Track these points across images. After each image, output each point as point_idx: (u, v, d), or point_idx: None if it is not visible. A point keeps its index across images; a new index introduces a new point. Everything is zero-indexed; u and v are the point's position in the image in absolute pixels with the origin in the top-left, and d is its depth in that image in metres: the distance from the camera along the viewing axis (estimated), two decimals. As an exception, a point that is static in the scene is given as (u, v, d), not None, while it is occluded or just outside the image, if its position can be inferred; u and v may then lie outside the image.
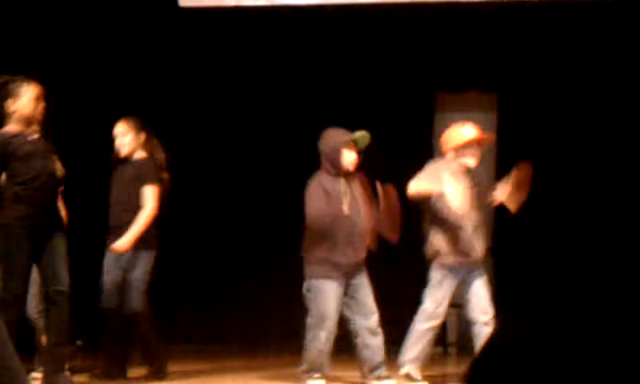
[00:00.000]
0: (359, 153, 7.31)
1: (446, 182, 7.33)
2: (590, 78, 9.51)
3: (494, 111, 9.94)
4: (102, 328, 7.44)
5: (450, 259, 7.32)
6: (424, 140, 9.98)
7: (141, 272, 7.35)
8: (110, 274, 7.36)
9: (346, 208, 7.19)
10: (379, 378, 7.23)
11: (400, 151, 9.75)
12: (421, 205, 7.36)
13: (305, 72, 10.00)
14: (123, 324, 7.36)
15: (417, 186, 7.27)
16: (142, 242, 7.29)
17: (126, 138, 7.41)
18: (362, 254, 7.21)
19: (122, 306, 7.32)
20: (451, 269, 7.33)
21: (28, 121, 6.69)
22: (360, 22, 9.84)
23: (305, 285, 7.22)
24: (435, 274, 7.38)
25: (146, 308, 7.39)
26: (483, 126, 7.84)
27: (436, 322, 7.33)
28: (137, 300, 7.33)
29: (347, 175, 7.28)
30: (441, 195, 7.29)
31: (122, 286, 7.34)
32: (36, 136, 6.70)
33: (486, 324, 7.24)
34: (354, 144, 7.28)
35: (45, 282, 6.72)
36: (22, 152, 6.57)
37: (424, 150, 9.91)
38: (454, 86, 10.13)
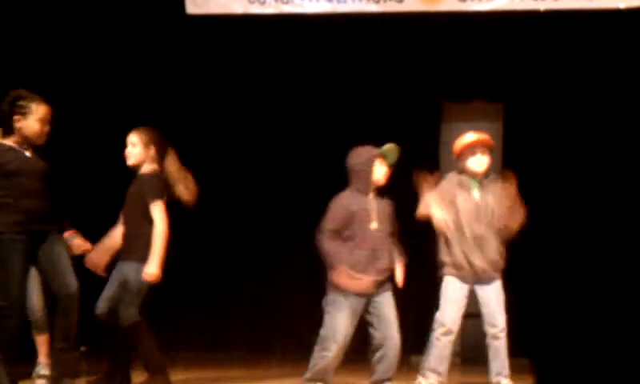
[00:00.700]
0: (389, 167, 7.30)
1: (453, 194, 7.35)
2: (596, 89, 9.50)
3: (499, 121, 9.93)
4: (104, 334, 7.42)
5: (452, 271, 7.34)
6: (430, 150, 9.98)
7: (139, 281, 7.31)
8: (111, 284, 7.33)
9: (373, 225, 7.14)
10: None
11: (406, 161, 9.74)
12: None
13: (311, 80, 10.00)
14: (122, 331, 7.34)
15: (426, 209, 7.29)
16: (134, 253, 7.20)
17: (134, 149, 7.38)
18: (386, 273, 7.16)
19: (116, 315, 7.28)
20: (458, 279, 7.33)
21: (30, 140, 6.76)
22: (367, 31, 9.84)
23: (325, 297, 7.15)
24: (443, 284, 7.39)
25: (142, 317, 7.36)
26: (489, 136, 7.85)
27: (445, 330, 7.30)
28: (134, 309, 7.28)
29: (376, 193, 7.25)
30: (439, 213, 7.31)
31: (118, 296, 7.28)
32: (29, 154, 6.74)
33: (494, 337, 7.24)
34: (384, 158, 7.26)
35: (54, 289, 6.74)
36: (11, 167, 6.62)
37: (430, 160, 9.92)
38: (460, 96, 10.12)
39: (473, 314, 7.50)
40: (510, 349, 7.29)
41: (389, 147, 7.28)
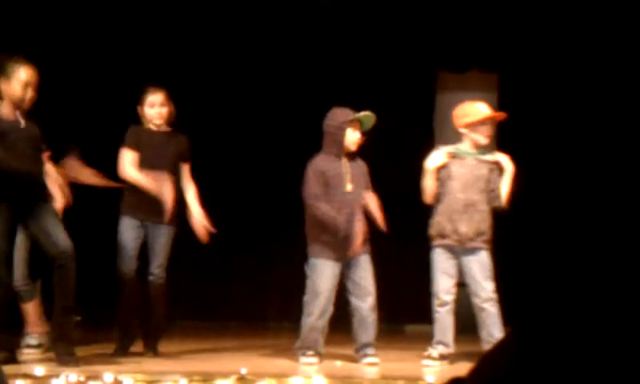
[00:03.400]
0: (363, 134, 7.34)
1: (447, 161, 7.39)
2: (592, 60, 9.47)
3: (494, 91, 9.92)
4: (115, 300, 7.51)
5: (439, 241, 7.38)
6: (425, 119, 9.98)
7: (163, 244, 7.45)
8: (131, 242, 7.42)
9: (347, 188, 7.23)
10: (365, 355, 7.30)
11: (401, 131, 9.74)
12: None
13: (305, 51, 9.95)
14: (138, 295, 7.45)
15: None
16: (164, 216, 7.36)
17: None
18: (361, 234, 7.24)
19: (138, 276, 7.44)
20: (445, 250, 7.36)
21: (16, 104, 6.75)
22: (361, 1, 9.81)
23: (306, 263, 7.29)
24: (432, 256, 7.45)
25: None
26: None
27: (440, 301, 7.33)
28: (160, 273, 7.47)
29: (349, 156, 7.30)
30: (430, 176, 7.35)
31: (144, 257, 7.48)
32: (12, 117, 6.74)
33: (479, 307, 7.29)
34: (359, 124, 7.30)
35: (48, 251, 6.77)
36: None
37: (425, 130, 9.91)
38: (455, 66, 10.10)
39: (463, 284, 7.55)
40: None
41: (365, 114, 7.31)
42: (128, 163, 7.39)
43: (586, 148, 9.40)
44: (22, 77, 6.74)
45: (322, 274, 7.22)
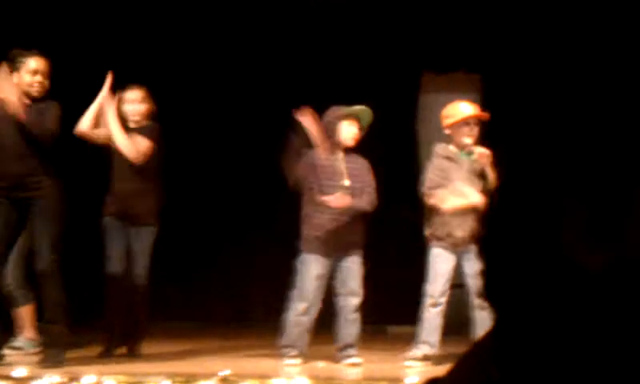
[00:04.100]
0: (361, 129, 7.33)
1: (445, 167, 7.38)
2: (574, 60, 9.49)
3: (478, 92, 9.93)
4: (103, 302, 7.51)
5: (437, 242, 7.37)
6: (409, 120, 9.98)
7: (145, 246, 7.47)
8: (115, 244, 7.42)
9: (344, 182, 7.21)
10: (347, 356, 7.30)
11: (385, 131, 9.73)
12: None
13: (289, 51, 9.94)
14: (124, 296, 7.44)
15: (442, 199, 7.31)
16: (145, 217, 7.42)
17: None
18: (355, 235, 7.24)
19: (126, 278, 7.45)
20: (444, 250, 7.36)
21: (24, 92, 6.79)
22: (346, 1, 9.80)
23: (297, 259, 7.31)
24: (430, 256, 7.45)
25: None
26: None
27: (432, 301, 7.33)
28: (144, 273, 7.49)
29: (347, 151, 7.30)
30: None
31: (127, 258, 7.50)
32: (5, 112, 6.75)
33: (481, 306, 7.27)
34: (356, 119, 7.29)
35: (32, 261, 6.80)
36: None
37: (408, 130, 9.92)
38: (439, 67, 10.11)
39: (456, 285, 7.54)
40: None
41: (358, 108, 7.31)
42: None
43: (569, 148, 9.42)
44: (29, 65, 6.84)
45: (312, 270, 7.20)
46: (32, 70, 6.85)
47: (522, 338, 1.46)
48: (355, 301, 7.27)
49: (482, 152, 7.47)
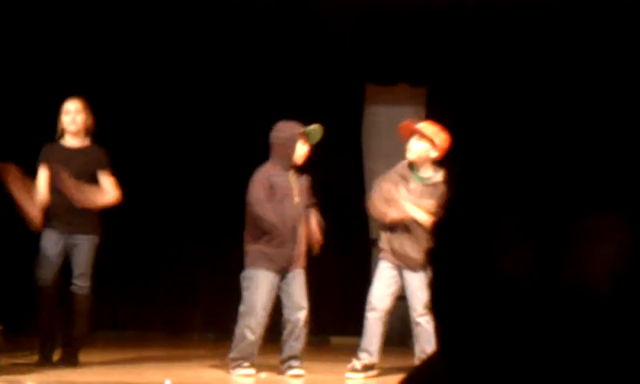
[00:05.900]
0: (310, 147, 7.36)
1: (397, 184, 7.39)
2: (519, 72, 9.57)
3: (422, 105, 9.97)
4: (36, 309, 7.42)
5: (386, 255, 7.39)
6: (353, 132, 9.98)
7: (86, 255, 7.41)
8: (49, 254, 7.34)
9: (295, 200, 7.24)
10: (290, 367, 7.29)
11: (328, 144, 9.73)
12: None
13: (233, 63, 9.90)
14: (55, 305, 7.36)
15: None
16: (85, 227, 7.36)
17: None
18: (301, 248, 7.26)
19: (58, 286, 7.35)
20: (389, 262, 7.38)
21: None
22: (290, 12, 9.80)
23: (242, 273, 7.24)
24: (378, 267, 7.46)
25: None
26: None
27: (370, 306, 7.34)
28: (84, 283, 7.42)
29: (295, 168, 7.32)
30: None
31: (62, 268, 7.41)
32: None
33: (415, 322, 7.27)
34: (306, 137, 7.32)
35: None
36: None
37: (353, 143, 9.92)
38: (383, 79, 10.12)
39: (402, 297, 7.56)
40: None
41: (313, 127, 7.33)
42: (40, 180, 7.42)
43: (515, 160, 9.48)
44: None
45: (261, 285, 7.18)
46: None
47: (470, 354, 1.45)
48: (303, 313, 7.25)
49: (440, 178, 7.47)
